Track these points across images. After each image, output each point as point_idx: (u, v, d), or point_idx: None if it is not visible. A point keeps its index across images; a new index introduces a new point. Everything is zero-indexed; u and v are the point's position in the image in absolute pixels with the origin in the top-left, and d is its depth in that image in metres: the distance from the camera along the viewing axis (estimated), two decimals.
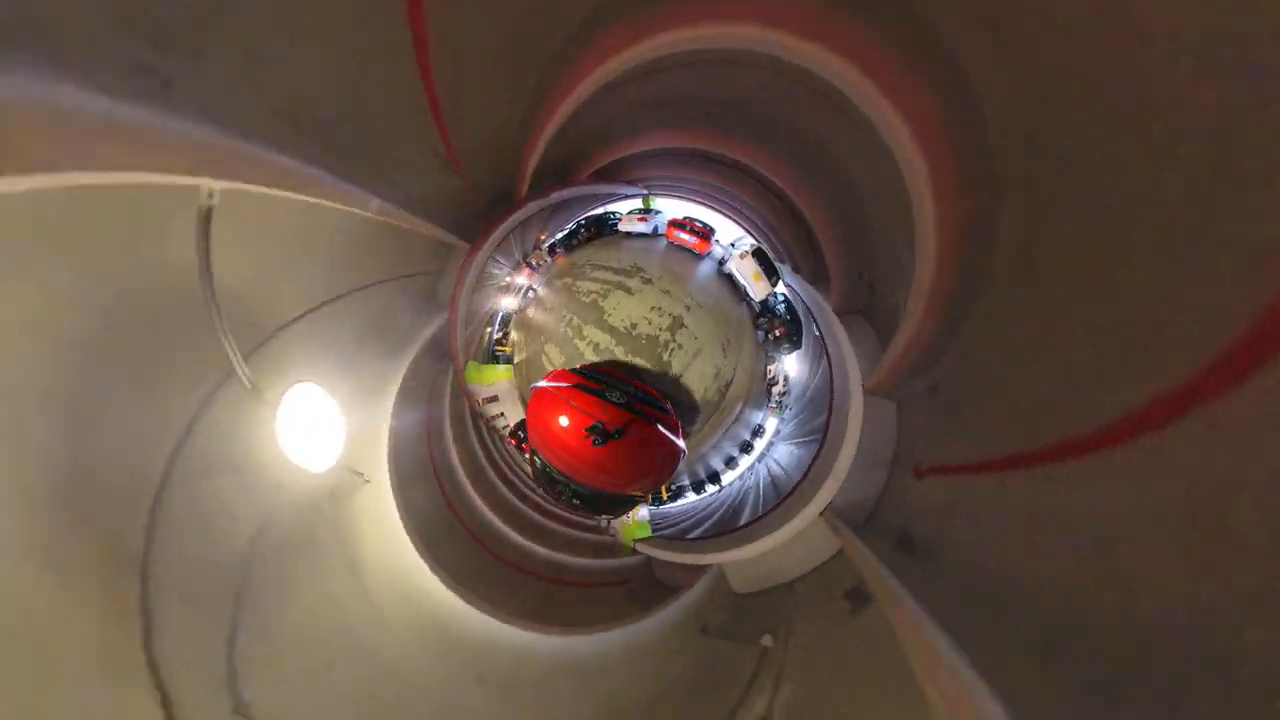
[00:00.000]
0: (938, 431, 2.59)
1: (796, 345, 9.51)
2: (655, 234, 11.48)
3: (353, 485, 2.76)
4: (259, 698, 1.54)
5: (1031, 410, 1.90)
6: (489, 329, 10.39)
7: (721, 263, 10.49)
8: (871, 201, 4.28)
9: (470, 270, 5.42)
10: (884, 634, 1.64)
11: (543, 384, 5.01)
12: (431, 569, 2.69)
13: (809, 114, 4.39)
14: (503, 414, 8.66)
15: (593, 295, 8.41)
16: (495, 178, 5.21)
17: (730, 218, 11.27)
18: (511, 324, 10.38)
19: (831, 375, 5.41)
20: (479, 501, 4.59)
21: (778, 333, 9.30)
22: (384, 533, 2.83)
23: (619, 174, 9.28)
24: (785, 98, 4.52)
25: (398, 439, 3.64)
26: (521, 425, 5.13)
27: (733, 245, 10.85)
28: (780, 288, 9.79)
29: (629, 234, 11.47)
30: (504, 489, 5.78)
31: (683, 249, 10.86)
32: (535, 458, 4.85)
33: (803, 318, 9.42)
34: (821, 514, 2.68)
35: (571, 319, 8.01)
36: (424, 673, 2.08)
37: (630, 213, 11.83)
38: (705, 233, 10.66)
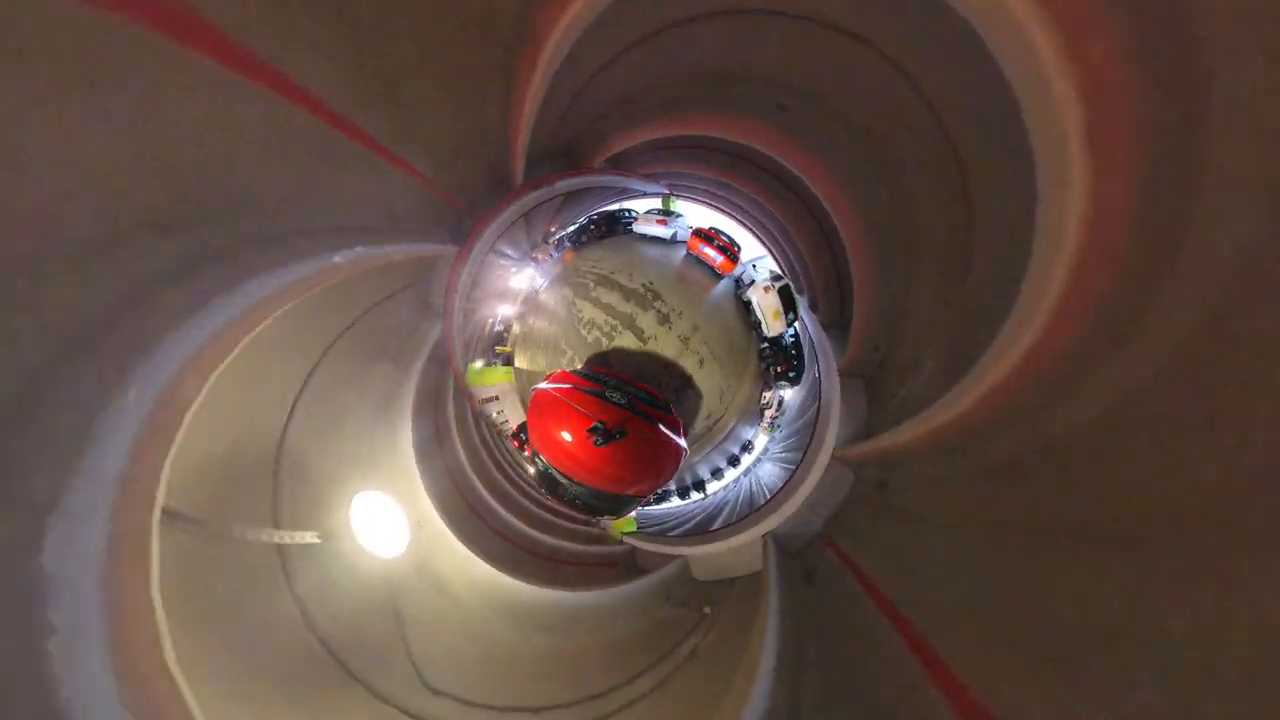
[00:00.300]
0: (860, 523, 3.33)
1: (795, 383, 9.69)
2: (673, 241, 10.57)
3: (416, 533, 3.77)
4: (437, 682, 2.75)
5: (925, 586, 2.11)
6: (492, 320, 10.00)
7: (738, 284, 9.88)
8: (931, 287, 3.63)
9: (460, 275, 5.10)
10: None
11: (543, 386, 5.06)
12: (485, 561, 3.90)
13: (920, 147, 3.26)
14: (502, 412, 8.65)
15: (596, 334, 7.79)
16: (477, 167, 4.42)
17: (750, 230, 10.28)
18: (514, 321, 9.95)
19: (815, 425, 6.07)
20: (492, 501, 5.59)
21: (779, 368, 9.40)
22: (442, 549, 3.98)
23: (635, 167, 7.89)
24: (900, 113, 3.26)
25: (426, 469, 4.46)
26: (523, 427, 5.16)
27: (754, 266, 10.28)
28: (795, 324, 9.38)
29: (643, 236, 10.56)
30: (510, 488, 6.60)
31: (703, 264, 10.03)
32: (537, 459, 4.91)
33: (807, 357, 9.27)
34: (763, 536, 3.89)
35: (573, 357, 7.63)
36: (496, 629, 3.42)
37: (648, 212, 10.77)
38: (733, 251, 9.79)
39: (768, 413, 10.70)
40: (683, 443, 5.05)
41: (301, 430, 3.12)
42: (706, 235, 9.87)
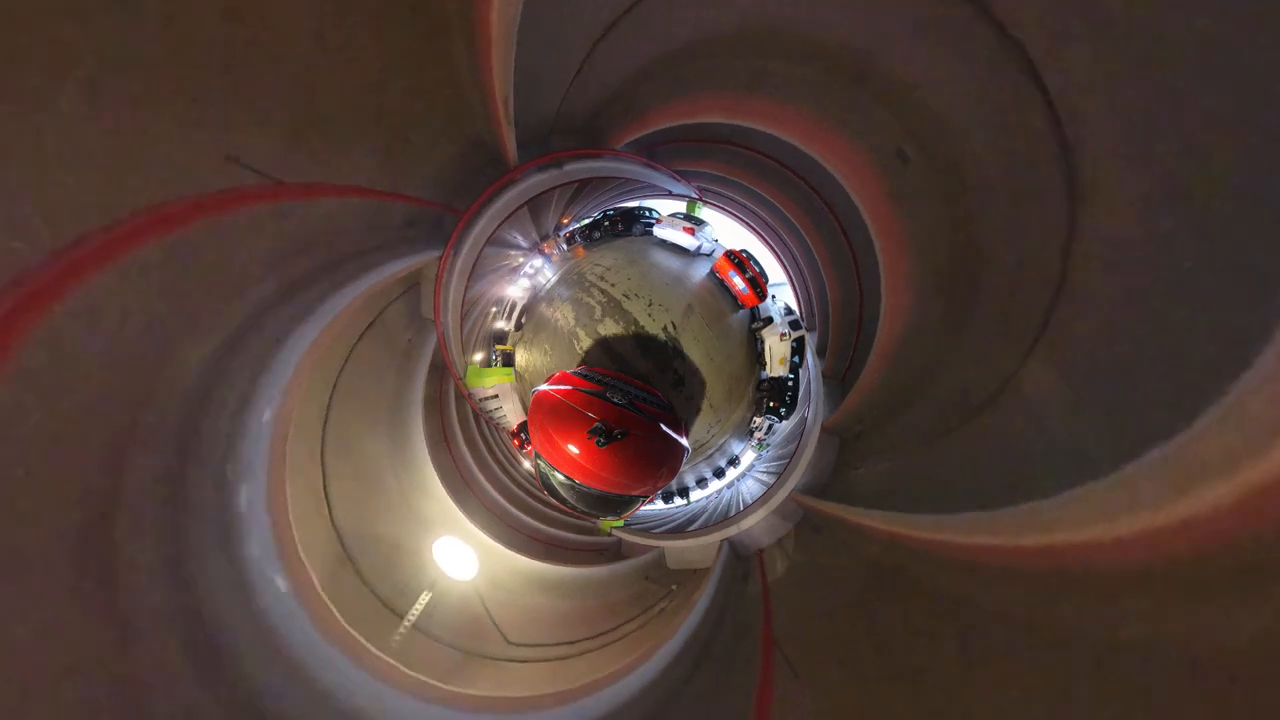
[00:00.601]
0: (789, 552, 4.53)
1: (784, 419, 10.50)
2: (697, 254, 9.99)
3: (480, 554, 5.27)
4: (514, 639, 4.18)
5: (797, 622, 2.77)
6: (495, 309, 9.66)
7: (754, 315, 9.99)
8: (922, 417, 3.44)
9: (449, 281, 4.87)
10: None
11: (544, 387, 5.19)
12: (521, 555, 5.48)
13: (1016, 298, 2.55)
14: (501, 406, 8.94)
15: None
16: (450, 148, 3.82)
17: (776, 253, 9.35)
18: (514, 321, 9.70)
19: (788, 464, 6.70)
20: (516, 511, 7.04)
21: (772, 403, 10.17)
22: (494, 557, 5.39)
23: (666, 161, 6.81)
24: (1028, 232, 2.41)
25: (461, 503, 5.53)
26: (523, 426, 5.30)
27: (772, 298, 10.36)
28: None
29: (663, 242, 9.96)
30: (514, 488, 7.92)
31: (725, 290, 9.67)
32: (539, 461, 5.03)
33: (800, 398, 9.76)
34: (722, 540, 5.44)
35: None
36: (535, 598, 5.04)
37: (674, 216, 10.10)
38: (762, 286, 9.47)
39: (757, 434, 11.61)
40: (685, 442, 5.23)
41: (346, 519, 3.89)
42: (739, 261, 9.27)
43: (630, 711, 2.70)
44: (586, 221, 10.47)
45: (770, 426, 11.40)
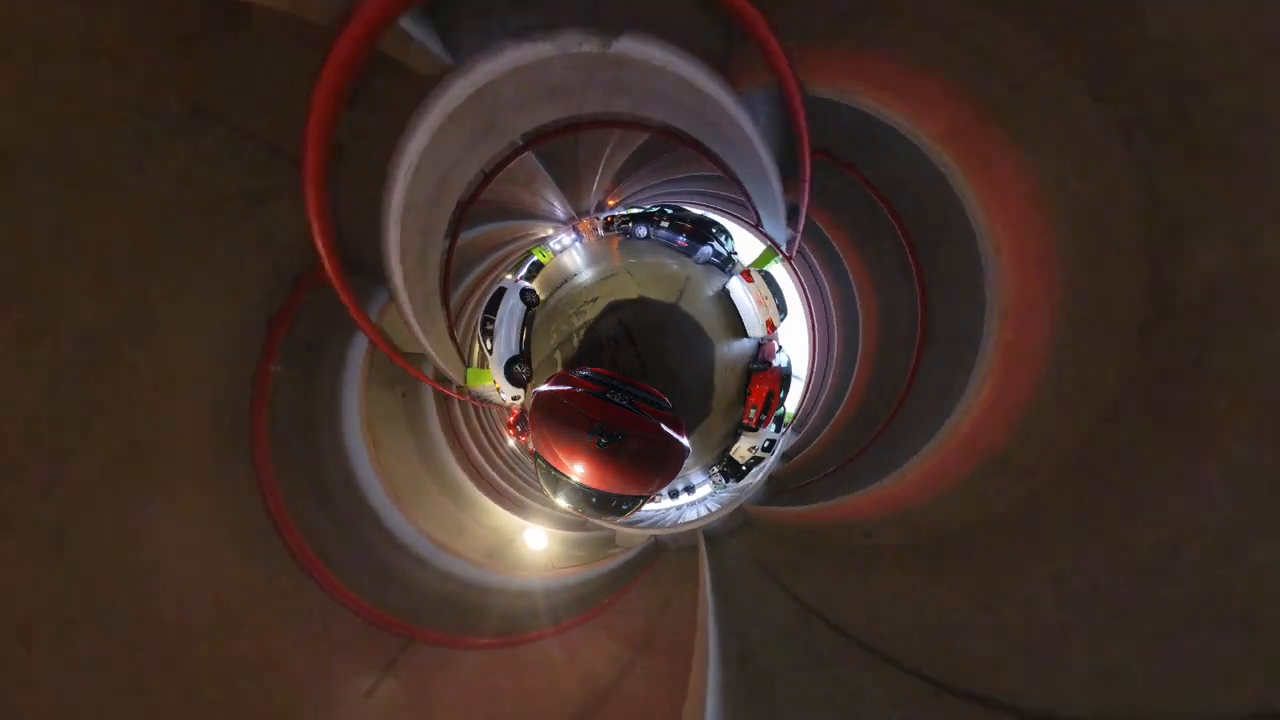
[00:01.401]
0: (674, 561, 9.76)
1: (727, 482, 14.46)
2: (752, 342, 8.90)
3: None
4: (554, 563, 9.13)
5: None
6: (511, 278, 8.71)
7: (740, 426, 11.08)
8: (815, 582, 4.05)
9: (412, 321, 4.14)
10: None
11: (545, 387, 5.31)
12: (552, 529, 10.35)
13: None
14: (499, 391, 9.58)
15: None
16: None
17: (812, 342, 9.17)
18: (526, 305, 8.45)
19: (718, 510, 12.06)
20: (533, 506, 11.77)
21: (724, 469, 13.83)
22: (541, 533, 10.22)
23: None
24: None
25: (481, 489, 9.06)
26: (520, 419, 5.40)
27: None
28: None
29: (726, 297, 8.62)
30: (505, 468, 10.78)
31: (744, 397, 9.38)
32: (540, 461, 5.18)
33: (747, 477, 13.23)
34: (651, 536, 10.50)
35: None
36: (564, 549, 9.88)
37: (759, 273, 8.25)
38: (767, 423, 9.30)
39: (712, 478, 15.12)
40: (685, 442, 5.35)
41: (468, 552, 5.31)
42: (771, 398, 8.38)
43: (592, 582, 7.66)
44: (635, 211, 8.59)
45: (722, 482, 14.73)
